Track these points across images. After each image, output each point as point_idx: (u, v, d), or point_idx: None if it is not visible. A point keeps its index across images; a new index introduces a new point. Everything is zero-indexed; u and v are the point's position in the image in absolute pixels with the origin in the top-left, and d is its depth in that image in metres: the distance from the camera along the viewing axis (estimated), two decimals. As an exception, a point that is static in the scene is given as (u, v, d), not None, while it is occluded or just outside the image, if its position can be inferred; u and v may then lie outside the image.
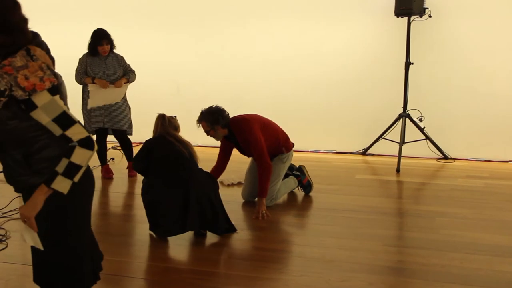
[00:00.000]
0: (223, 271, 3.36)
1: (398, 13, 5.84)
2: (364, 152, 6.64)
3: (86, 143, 1.91)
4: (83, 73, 5.29)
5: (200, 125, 4.44)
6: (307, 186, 4.95)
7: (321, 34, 6.60)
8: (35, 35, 2.02)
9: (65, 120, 1.89)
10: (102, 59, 5.28)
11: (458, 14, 6.12)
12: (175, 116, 4.13)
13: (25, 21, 1.97)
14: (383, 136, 6.31)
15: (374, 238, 3.82)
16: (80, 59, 5.33)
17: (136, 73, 5.48)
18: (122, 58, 5.41)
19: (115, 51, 5.38)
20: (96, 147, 1.96)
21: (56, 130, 1.90)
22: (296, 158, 5.11)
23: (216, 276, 3.27)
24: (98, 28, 5.29)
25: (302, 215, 4.52)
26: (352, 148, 6.71)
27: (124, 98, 5.42)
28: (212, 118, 4.37)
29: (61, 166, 1.90)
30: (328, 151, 6.81)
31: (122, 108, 5.36)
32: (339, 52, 6.57)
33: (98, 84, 5.24)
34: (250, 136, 4.40)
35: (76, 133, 1.90)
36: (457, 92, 6.28)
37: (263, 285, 3.14)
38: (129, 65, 5.46)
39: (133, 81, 5.47)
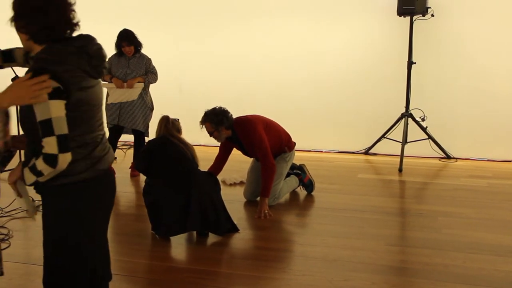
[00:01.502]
0: (225, 271, 3.36)
1: (401, 12, 5.83)
2: (367, 152, 6.63)
3: (47, 159, 1.86)
4: (106, 71, 5.44)
5: (204, 126, 4.44)
6: (308, 185, 4.94)
7: (324, 33, 6.59)
8: (81, 38, 1.97)
9: (47, 127, 1.85)
10: (127, 59, 5.44)
11: (461, 14, 6.10)
12: (178, 119, 4.14)
13: (63, 22, 1.93)
14: (385, 136, 6.30)
15: (376, 238, 3.82)
16: (109, 58, 5.48)
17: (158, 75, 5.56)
18: (148, 59, 5.51)
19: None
20: (60, 168, 1.88)
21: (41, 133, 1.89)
22: (298, 158, 5.10)
23: (218, 276, 3.27)
24: (122, 29, 5.41)
25: (304, 215, 4.52)
26: (354, 147, 6.70)
27: (143, 98, 5.45)
28: (217, 119, 4.36)
29: (30, 162, 1.93)
30: (330, 151, 6.80)
31: (138, 108, 5.42)
32: (342, 52, 6.56)
33: (114, 83, 5.38)
34: (255, 136, 4.40)
35: (47, 144, 1.85)
36: (459, 92, 6.27)
37: (265, 284, 3.13)
38: (153, 67, 5.53)
39: (151, 82, 5.53)
